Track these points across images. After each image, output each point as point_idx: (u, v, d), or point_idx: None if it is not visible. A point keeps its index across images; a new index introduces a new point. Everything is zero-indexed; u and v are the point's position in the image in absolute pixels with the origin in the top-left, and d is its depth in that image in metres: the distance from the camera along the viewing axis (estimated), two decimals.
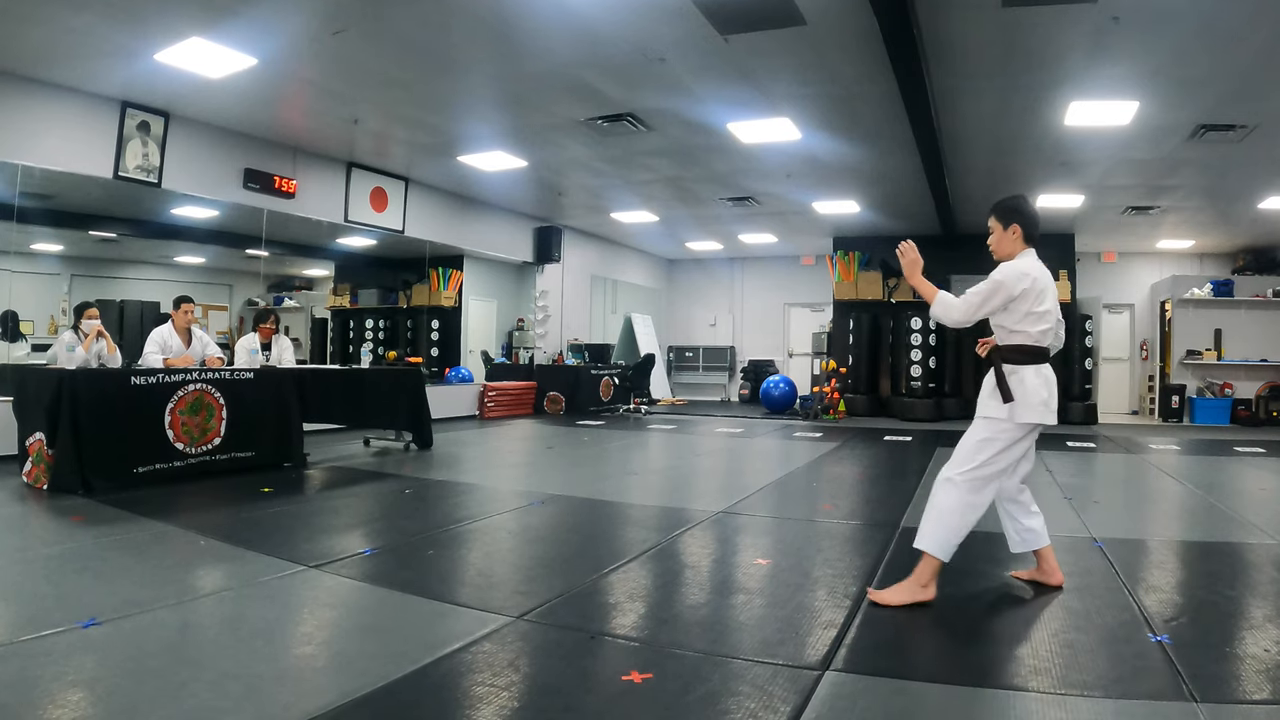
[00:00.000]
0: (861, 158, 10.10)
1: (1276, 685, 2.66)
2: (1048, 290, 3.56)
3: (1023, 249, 3.64)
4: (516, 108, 8.51)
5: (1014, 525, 3.76)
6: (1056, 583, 3.74)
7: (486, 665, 2.78)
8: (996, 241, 3.71)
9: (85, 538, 4.48)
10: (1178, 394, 14.37)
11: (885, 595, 3.54)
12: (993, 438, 3.53)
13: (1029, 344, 3.56)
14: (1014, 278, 3.51)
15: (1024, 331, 3.55)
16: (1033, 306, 3.52)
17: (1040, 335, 3.55)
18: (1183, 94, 7.41)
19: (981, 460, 3.52)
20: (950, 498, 3.53)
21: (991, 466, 3.53)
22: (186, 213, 9.96)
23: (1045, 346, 3.59)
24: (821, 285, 17.09)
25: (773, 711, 2.42)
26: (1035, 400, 3.48)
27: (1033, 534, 3.72)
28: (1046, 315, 3.54)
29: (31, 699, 2.40)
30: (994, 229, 3.71)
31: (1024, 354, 3.56)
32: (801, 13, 5.99)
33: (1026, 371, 3.53)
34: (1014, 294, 3.51)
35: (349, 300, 14.65)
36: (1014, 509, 3.75)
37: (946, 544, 3.49)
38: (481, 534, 4.89)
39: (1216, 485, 7.16)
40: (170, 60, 6.92)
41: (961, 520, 3.49)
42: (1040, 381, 3.52)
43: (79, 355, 6.30)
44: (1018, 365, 3.55)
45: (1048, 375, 3.56)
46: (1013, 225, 3.64)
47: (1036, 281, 3.52)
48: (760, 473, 7.84)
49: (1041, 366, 3.56)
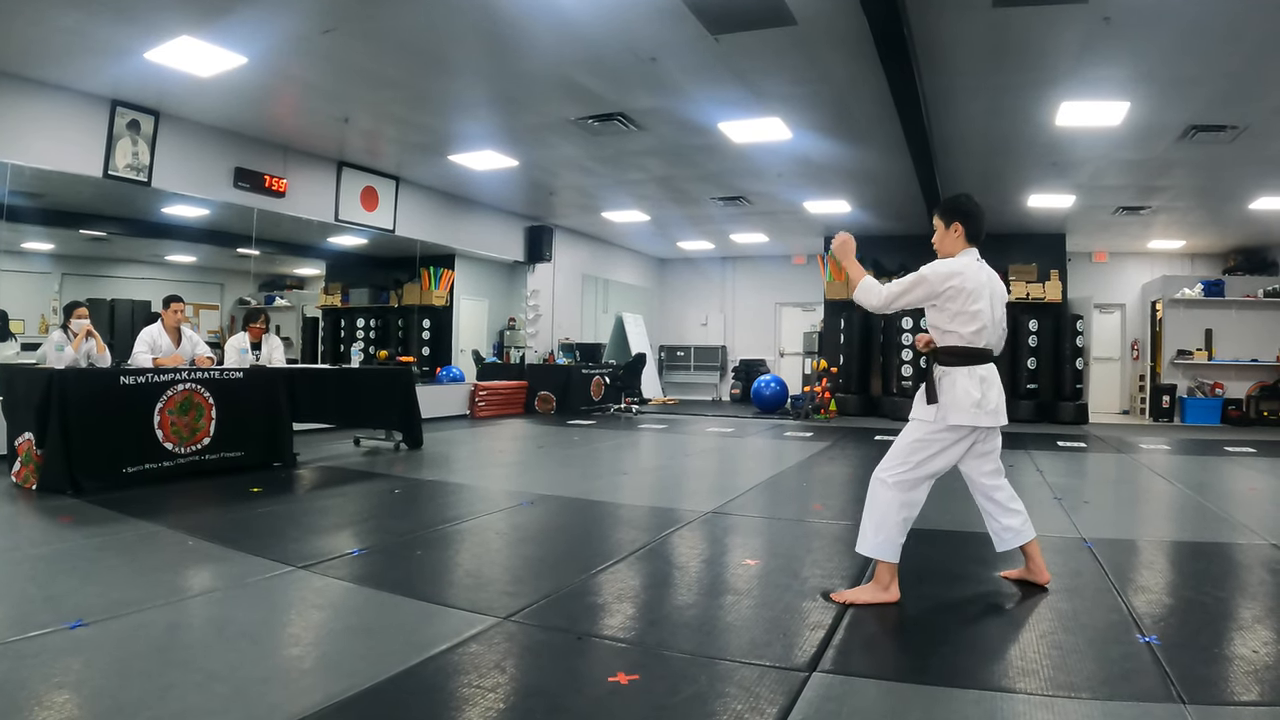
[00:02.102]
0: (852, 158, 10.10)
1: (1265, 686, 2.66)
2: (981, 290, 3.54)
3: (964, 248, 3.64)
4: (507, 107, 8.49)
5: (993, 524, 3.76)
6: (1043, 581, 3.73)
7: (473, 666, 2.78)
8: (938, 240, 3.72)
9: (74, 538, 4.46)
10: (1168, 394, 14.41)
11: (848, 594, 3.56)
12: (923, 439, 3.57)
13: (961, 345, 3.56)
14: (939, 276, 3.52)
15: (955, 332, 3.56)
16: (963, 306, 3.51)
17: (973, 336, 3.54)
18: (1173, 95, 7.43)
19: (913, 462, 3.55)
20: (883, 498, 3.55)
21: (922, 469, 3.55)
22: (177, 212, 9.93)
23: (980, 347, 3.57)
24: (813, 285, 17.10)
25: (759, 713, 2.42)
26: (966, 403, 3.48)
27: (1012, 532, 3.71)
28: (978, 315, 3.52)
29: (18, 700, 2.38)
30: (937, 227, 3.72)
31: (956, 355, 3.56)
32: (792, 12, 5.99)
33: (958, 373, 3.53)
34: (937, 291, 3.52)
35: (340, 299, 14.62)
36: (991, 508, 3.75)
37: (889, 545, 3.51)
38: (470, 534, 4.89)
39: (1207, 485, 7.19)
40: (160, 59, 6.89)
41: (898, 519, 3.51)
42: (972, 383, 3.51)
43: (68, 355, 6.27)
44: (950, 367, 3.56)
45: (984, 376, 3.54)
46: (954, 223, 3.66)
47: (966, 281, 3.51)
48: (751, 472, 7.84)
49: (976, 368, 3.54)
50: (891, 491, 3.54)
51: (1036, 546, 3.77)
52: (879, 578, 3.54)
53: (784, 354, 19.19)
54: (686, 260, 20.03)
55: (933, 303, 3.59)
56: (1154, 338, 15.36)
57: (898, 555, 3.52)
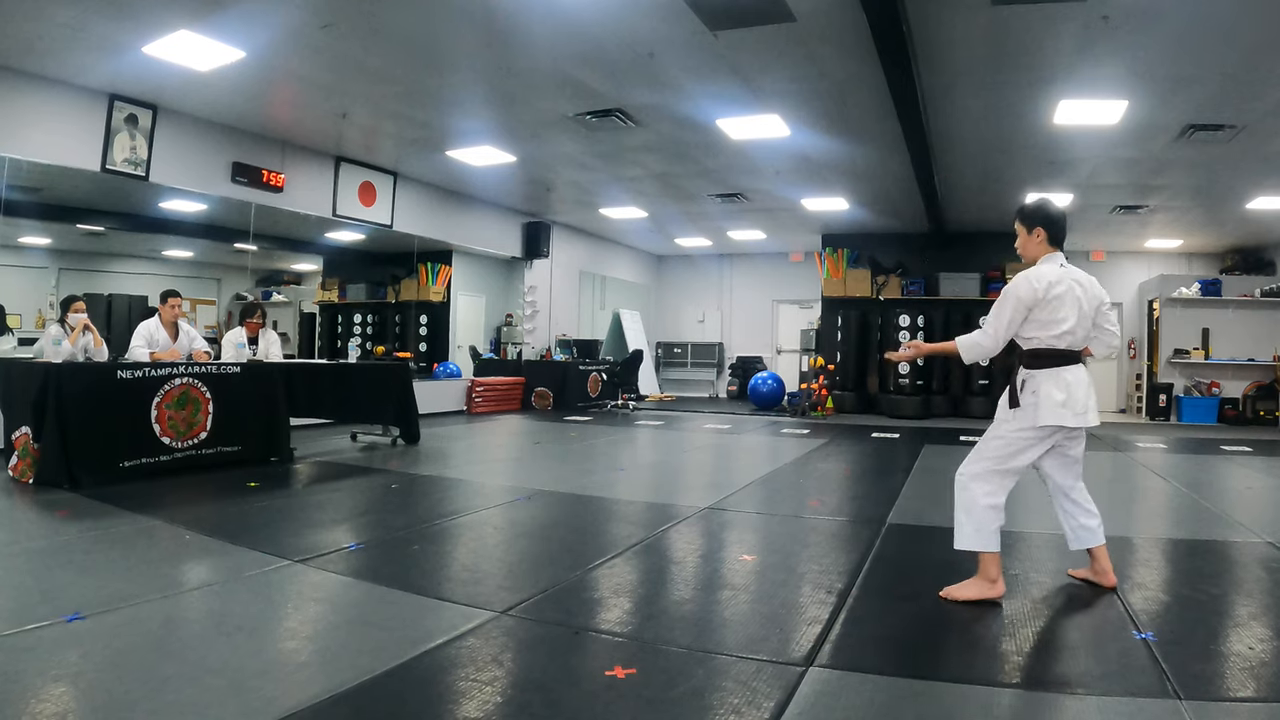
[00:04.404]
0: (850, 155, 10.10)
1: (1260, 683, 2.67)
2: (1065, 298, 3.54)
3: (1047, 252, 3.66)
4: (505, 103, 8.48)
5: (1070, 523, 3.77)
6: (1109, 584, 3.72)
7: (470, 660, 2.78)
8: (1021, 245, 3.74)
9: (70, 532, 4.46)
10: (1165, 393, 14.44)
11: (954, 590, 3.57)
12: (1006, 438, 3.60)
13: (1043, 348, 3.57)
14: (1031, 292, 3.53)
15: (1036, 336, 3.57)
16: (1048, 315, 3.53)
17: (1055, 339, 3.55)
18: (1172, 93, 7.43)
19: (996, 458, 3.59)
20: (967, 494, 3.59)
21: (1004, 464, 3.58)
22: (174, 206, 9.91)
23: (1064, 349, 3.57)
24: (810, 282, 17.09)
25: (756, 707, 2.43)
26: (1050, 403, 3.49)
27: (1088, 531, 3.72)
28: (1063, 321, 3.53)
29: (14, 693, 2.39)
30: (1019, 232, 3.73)
31: (1040, 358, 3.57)
32: (791, 9, 5.99)
33: (1041, 375, 3.55)
34: (1030, 303, 3.53)
35: (337, 295, 14.59)
36: (1069, 507, 3.76)
37: (986, 534, 3.52)
38: (467, 529, 4.89)
39: (1203, 484, 7.20)
40: (158, 53, 6.87)
41: (985, 505, 3.54)
42: (1057, 385, 3.51)
43: (65, 349, 6.26)
44: (1034, 370, 3.57)
45: (1070, 379, 3.54)
46: (1036, 229, 3.66)
47: (1052, 287, 3.52)
48: (747, 469, 7.85)
49: (1062, 370, 3.54)
50: (976, 483, 3.58)
51: (1105, 550, 3.77)
52: (985, 570, 3.55)
53: (781, 351, 19.20)
54: (684, 257, 20.02)
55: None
56: (1151, 337, 15.39)
57: (998, 543, 3.53)
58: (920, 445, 9.35)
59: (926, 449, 8.97)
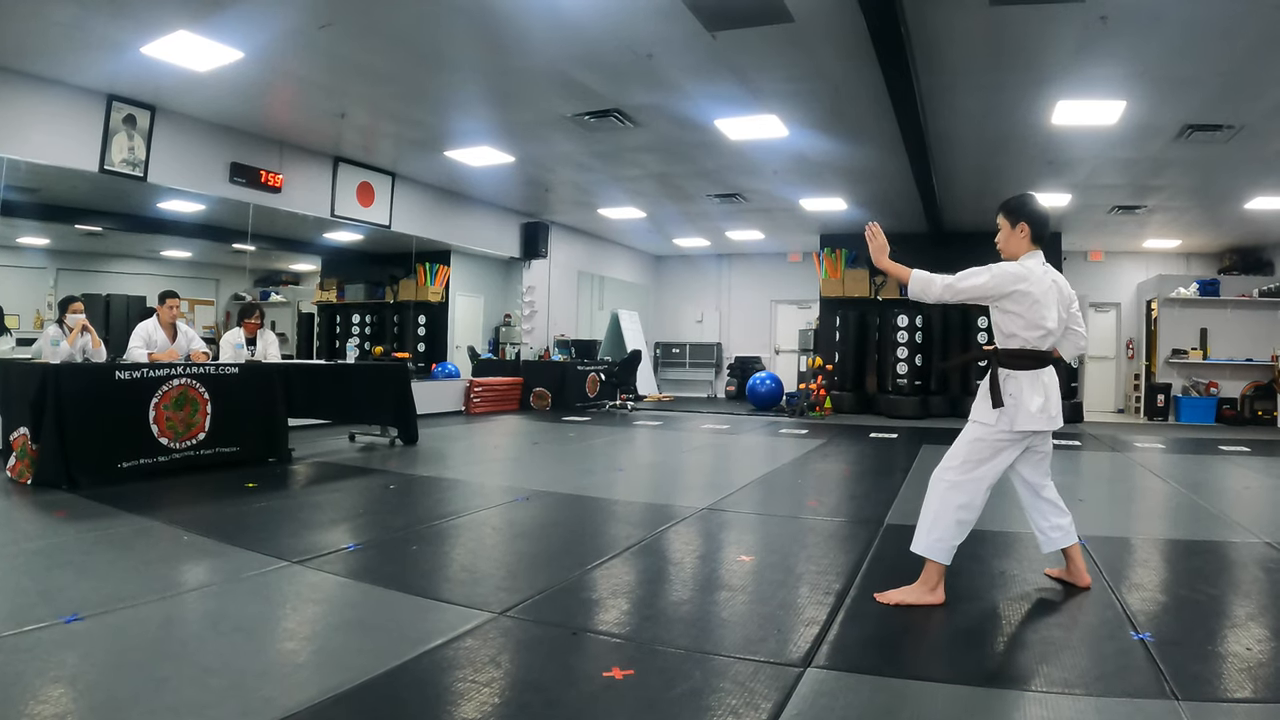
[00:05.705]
0: (849, 155, 10.10)
1: (1258, 683, 2.67)
2: (1048, 294, 3.51)
3: (1030, 249, 3.59)
4: (504, 103, 8.48)
5: (1042, 523, 3.75)
6: (1084, 584, 3.72)
7: (468, 661, 2.78)
8: (1004, 240, 3.66)
9: (69, 533, 4.45)
10: (1163, 393, 14.45)
11: (893, 595, 3.53)
12: (984, 440, 3.54)
13: (1026, 349, 3.54)
14: (1008, 276, 3.47)
15: (1019, 335, 3.54)
16: (1030, 312, 3.49)
17: (1038, 340, 3.52)
18: (1170, 94, 7.43)
19: (974, 461, 3.53)
20: (941, 498, 3.53)
21: (982, 469, 3.52)
22: (173, 207, 9.90)
23: (1044, 351, 3.56)
24: (808, 282, 17.09)
25: (754, 708, 2.43)
26: (1031, 407, 3.47)
27: (1060, 531, 3.70)
28: (1045, 320, 3.50)
29: (13, 694, 2.39)
30: (1002, 226, 3.66)
31: (1021, 359, 3.54)
32: (789, 10, 5.99)
33: (1023, 377, 3.51)
34: (1003, 291, 3.47)
35: (336, 295, 14.57)
36: (1042, 506, 3.74)
37: (941, 546, 3.48)
38: (465, 529, 4.89)
39: (1201, 484, 7.20)
40: (156, 53, 6.87)
41: (953, 519, 3.48)
42: (1036, 388, 3.49)
43: (64, 350, 6.25)
44: (1014, 371, 3.54)
45: (1046, 381, 3.53)
46: (1020, 223, 3.59)
47: (1034, 286, 3.47)
48: (745, 469, 7.85)
49: (1040, 372, 3.53)
50: (951, 492, 3.52)
51: (1079, 550, 3.76)
52: (926, 578, 3.51)
53: (779, 351, 19.21)
54: (682, 257, 20.02)
55: (996, 304, 3.55)
56: (1149, 337, 15.40)
57: (950, 557, 3.50)
58: (918, 445, 9.35)
59: (924, 449, 8.96)
